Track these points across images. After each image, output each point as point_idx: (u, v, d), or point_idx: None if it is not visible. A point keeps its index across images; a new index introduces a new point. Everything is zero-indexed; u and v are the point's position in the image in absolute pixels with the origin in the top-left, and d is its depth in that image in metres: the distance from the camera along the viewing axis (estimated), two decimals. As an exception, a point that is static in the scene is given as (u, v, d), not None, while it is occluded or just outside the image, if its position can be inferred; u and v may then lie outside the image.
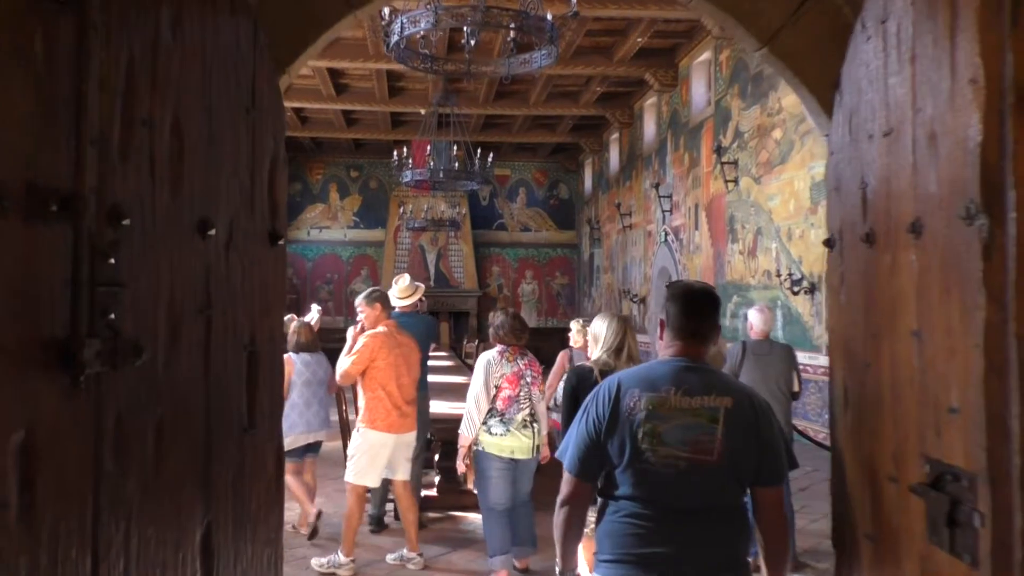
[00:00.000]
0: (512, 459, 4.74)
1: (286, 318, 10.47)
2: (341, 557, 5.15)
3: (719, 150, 12.27)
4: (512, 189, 23.21)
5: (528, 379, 4.85)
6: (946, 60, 1.46)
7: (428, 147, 12.28)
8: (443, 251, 21.98)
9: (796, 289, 9.75)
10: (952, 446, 1.47)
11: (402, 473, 5.31)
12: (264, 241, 1.85)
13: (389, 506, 6.30)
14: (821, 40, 2.33)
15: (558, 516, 2.30)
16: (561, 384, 6.09)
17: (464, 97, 16.50)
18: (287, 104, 16.92)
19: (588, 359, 4.15)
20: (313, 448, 6.12)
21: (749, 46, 2.66)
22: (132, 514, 1.48)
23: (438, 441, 6.87)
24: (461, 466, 4.85)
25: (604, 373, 3.79)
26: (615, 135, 18.96)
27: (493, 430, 4.70)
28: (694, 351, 2.26)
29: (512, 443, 4.70)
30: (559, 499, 2.30)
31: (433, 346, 6.30)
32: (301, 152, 22.10)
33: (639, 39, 13.24)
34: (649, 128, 16.56)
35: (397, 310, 6.15)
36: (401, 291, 6.25)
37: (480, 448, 4.78)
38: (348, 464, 5.23)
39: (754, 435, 2.16)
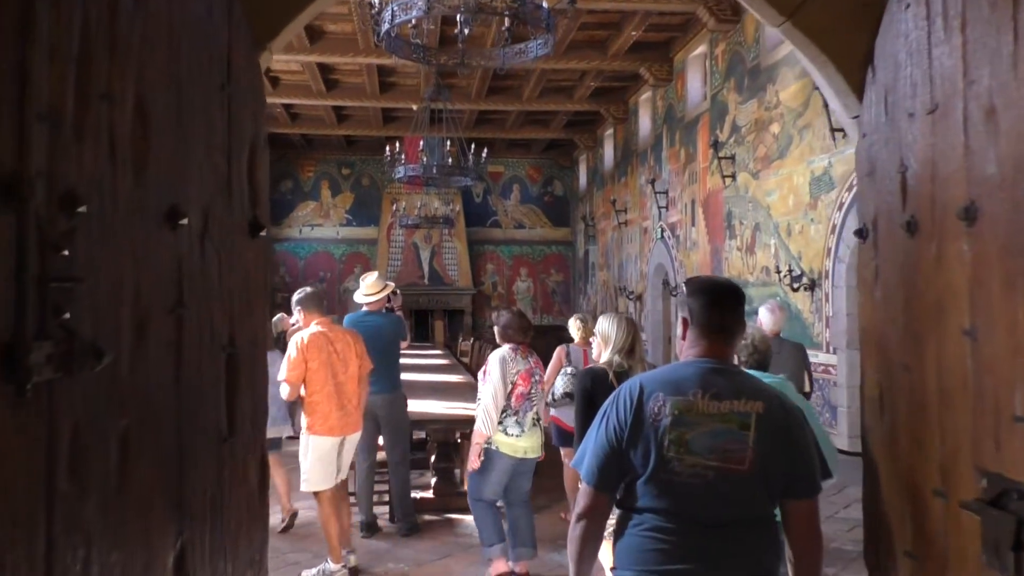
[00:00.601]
0: (523, 459, 4.75)
1: (276, 317, 10.31)
2: (331, 565, 5.08)
3: (716, 145, 12.12)
4: (506, 186, 23.03)
5: (536, 377, 4.85)
6: (1007, 23, 1.29)
7: (420, 143, 12.09)
8: (437, 249, 21.78)
9: (796, 286, 9.60)
10: (1017, 459, 1.31)
11: (343, 473, 5.25)
12: (243, 232, 1.67)
13: (381, 509, 6.13)
14: (850, 11, 2.16)
15: (574, 531, 2.15)
16: (559, 380, 5.95)
17: (457, 92, 16.31)
18: (276, 100, 16.84)
19: (595, 360, 3.99)
20: (272, 444, 5.91)
21: (769, 19, 2.49)
22: (92, 539, 1.31)
23: (433, 442, 6.70)
24: (476, 462, 4.70)
25: (619, 375, 3.64)
26: (610, 131, 18.79)
27: (509, 431, 4.65)
28: (720, 351, 2.13)
29: (526, 444, 4.71)
30: (575, 512, 2.16)
31: (404, 345, 6.10)
32: (292, 149, 21.87)
33: (633, 32, 13.07)
34: (644, 123, 16.39)
35: (364, 308, 6.00)
36: (368, 288, 6.06)
37: (493, 447, 4.70)
38: (302, 474, 5.07)
39: (787, 443, 2.02)
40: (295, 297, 5.35)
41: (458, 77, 15.91)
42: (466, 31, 5.15)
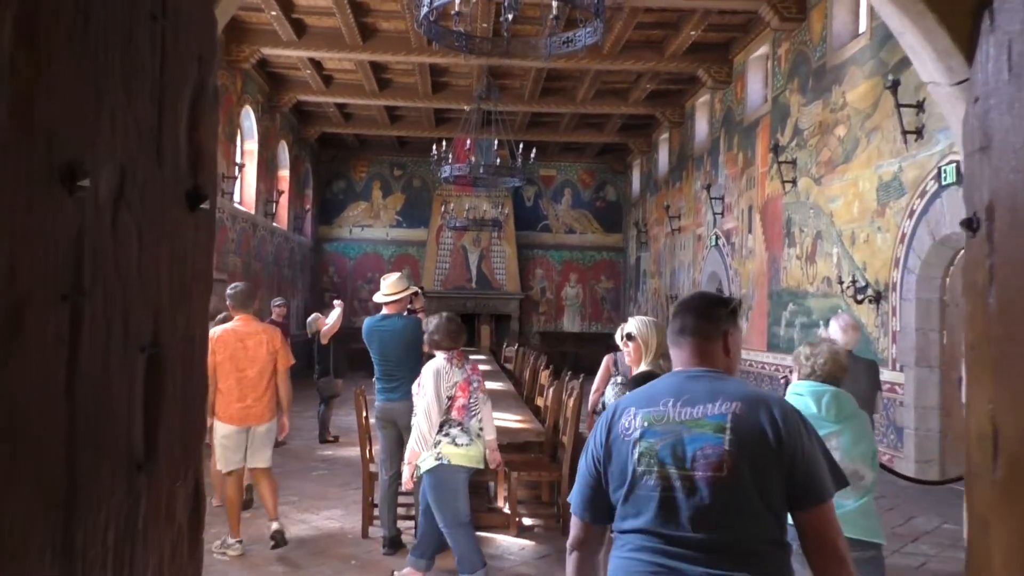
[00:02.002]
0: (476, 468, 4.55)
1: (311, 317, 10.12)
2: (230, 539, 5.38)
3: (776, 149, 11.56)
4: (557, 190, 22.65)
5: (475, 384, 4.62)
6: None
7: (468, 142, 11.81)
8: (485, 252, 21.51)
9: (860, 298, 9.02)
10: None
11: (259, 461, 5.45)
12: (179, 202, 1.33)
13: (407, 524, 5.79)
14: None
15: (568, 563, 2.06)
16: (609, 390, 5.60)
17: (509, 94, 16.03)
18: (329, 99, 16.77)
19: (629, 366, 3.62)
20: None
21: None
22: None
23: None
24: (409, 482, 4.55)
25: None
26: (665, 135, 18.28)
27: (459, 440, 4.41)
28: (693, 357, 2.00)
29: (476, 452, 4.50)
30: (568, 544, 2.07)
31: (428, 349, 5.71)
32: (344, 149, 21.88)
33: (692, 32, 12.60)
34: (701, 127, 15.86)
35: (384, 310, 5.66)
36: (387, 288, 5.70)
37: (445, 461, 4.43)
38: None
39: (775, 445, 1.81)
40: (227, 291, 5.69)
41: (511, 78, 15.64)
42: (510, 16, 4.81)
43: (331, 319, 9.74)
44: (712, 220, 14.51)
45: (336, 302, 10.04)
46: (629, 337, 3.52)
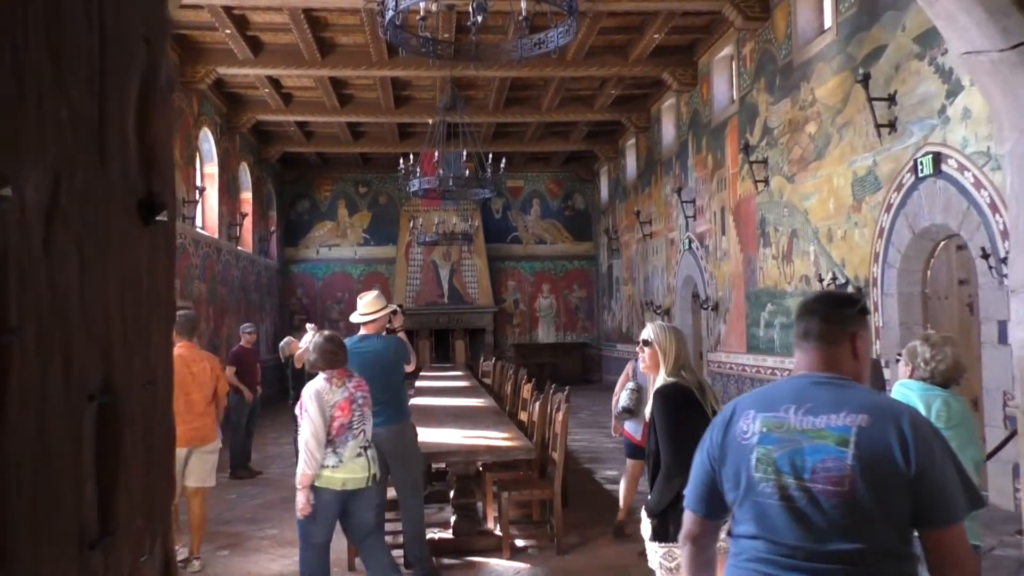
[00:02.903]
0: (343, 491, 4.39)
1: (284, 341, 9.81)
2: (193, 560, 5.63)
3: (746, 149, 11.49)
4: (526, 200, 22.49)
5: (360, 402, 4.53)
6: None
7: (436, 155, 11.59)
8: (456, 266, 21.25)
9: (840, 294, 8.93)
10: None
11: (195, 480, 5.60)
12: (129, 213, 1.09)
13: (396, 553, 5.51)
14: None
15: (682, 553, 2.07)
16: (623, 395, 5.87)
17: (473, 105, 15.84)
18: (290, 118, 16.45)
19: (643, 373, 3.43)
20: None
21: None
22: None
23: (453, 476, 6.08)
24: (306, 507, 4.36)
25: (701, 389, 3.17)
26: (631, 140, 18.21)
27: (326, 462, 4.33)
28: (818, 361, 1.90)
29: (344, 475, 4.37)
30: (680, 536, 2.08)
31: (409, 368, 5.44)
32: (308, 168, 21.52)
33: (656, 36, 12.53)
34: (668, 131, 15.80)
35: (361, 331, 5.38)
36: (364, 308, 5.38)
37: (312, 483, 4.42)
38: None
39: (902, 462, 1.72)
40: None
41: (474, 89, 15.46)
42: (479, 19, 4.60)
43: (304, 342, 9.43)
44: (684, 224, 14.42)
45: (309, 325, 9.75)
46: (646, 343, 3.31)
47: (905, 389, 3.23)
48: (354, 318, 5.41)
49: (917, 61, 7.69)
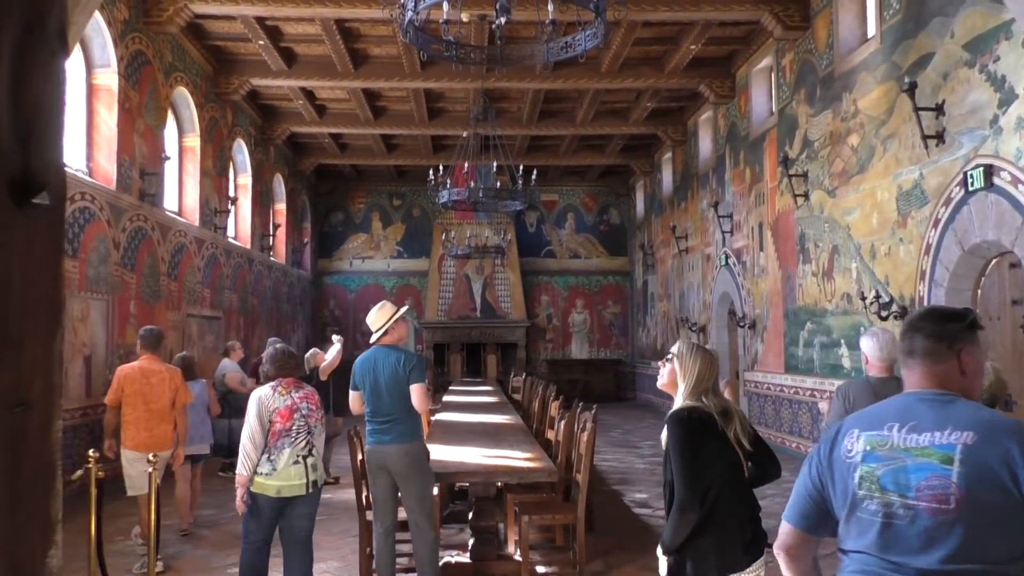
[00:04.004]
0: (279, 497, 4.52)
1: (309, 353, 9.65)
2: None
3: (785, 162, 11.14)
4: (560, 215, 22.26)
5: (304, 412, 4.61)
6: None
7: (466, 165, 11.42)
8: (489, 280, 21.07)
9: (884, 314, 8.53)
10: None
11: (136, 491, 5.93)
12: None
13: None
14: None
15: (780, 561, 2.05)
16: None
17: (506, 117, 15.70)
18: (324, 130, 16.45)
19: (663, 387, 3.12)
20: (195, 460, 7.10)
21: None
22: None
23: (472, 497, 5.83)
24: (241, 505, 4.56)
25: (725, 415, 2.87)
26: (668, 154, 17.91)
27: (260, 469, 4.50)
28: (926, 378, 1.89)
29: (278, 482, 4.50)
30: (774, 545, 2.06)
31: (418, 389, 4.93)
32: (342, 181, 21.55)
33: (692, 47, 12.25)
34: (705, 144, 15.48)
35: (372, 343, 5.16)
36: (372, 327, 5.15)
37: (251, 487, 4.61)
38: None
39: (1010, 481, 1.70)
40: (140, 332, 6.46)
41: (507, 101, 15.31)
42: (502, 20, 4.40)
43: (330, 355, 9.26)
44: (721, 239, 14.07)
45: (336, 337, 9.58)
46: (668, 359, 3.04)
47: None
48: (372, 340, 5.19)
49: (967, 69, 7.32)
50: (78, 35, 2.70)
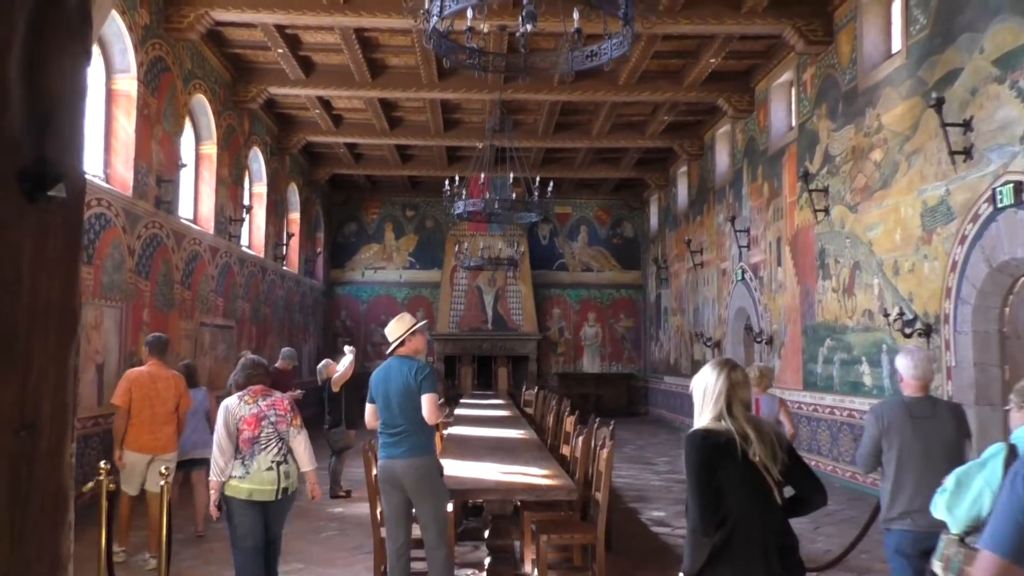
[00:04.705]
0: (251, 501, 4.64)
1: (321, 364, 9.55)
2: (146, 554, 6.27)
3: (805, 177, 11.00)
4: (573, 227, 22.15)
5: (272, 419, 4.75)
6: None
7: (482, 176, 11.34)
8: (501, 292, 20.96)
9: (908, 331, 8.36)
10: None
11: (154, 485, 6.05)
12: (6, 185, 0.76)
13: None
14: None
15: None
16: None
17: (522, 129, 15.63)
18: (340, 139, 16.43)
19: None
20: (196, 464, 7.09)
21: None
22: None
23: (488, 515, 5.70)
24: (214, 510, 4.72)
25: (748, 437, 2.68)
26: (683, 168, 17.79)
27: (234, 473, 4.66)
28: None
29: (250, 486, 4.63)
30: None
31: (429, 400, 4.78)
32: (356, 191, 21.53)
33: (712, 60, 12.15)
34: (722, 159, 15.36)
35: (388, 354, 5.13)
36: (390, 337, 5.11)
37: (223, 491, 4.73)
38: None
39: None
40: (147, 339, 6.67)
41: (524, 113, 15.25)
42: (528, 27, 4.31)
43: (343, 365, 9.18)
44: (737, 254, 13.92)
45: (348, 348, 9.49)
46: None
47: None
48: (389, 350, 5.11)
49: (996, 85, 7.18)
50: (95, 34, 2.63)
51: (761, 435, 2.73)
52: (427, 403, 4.84)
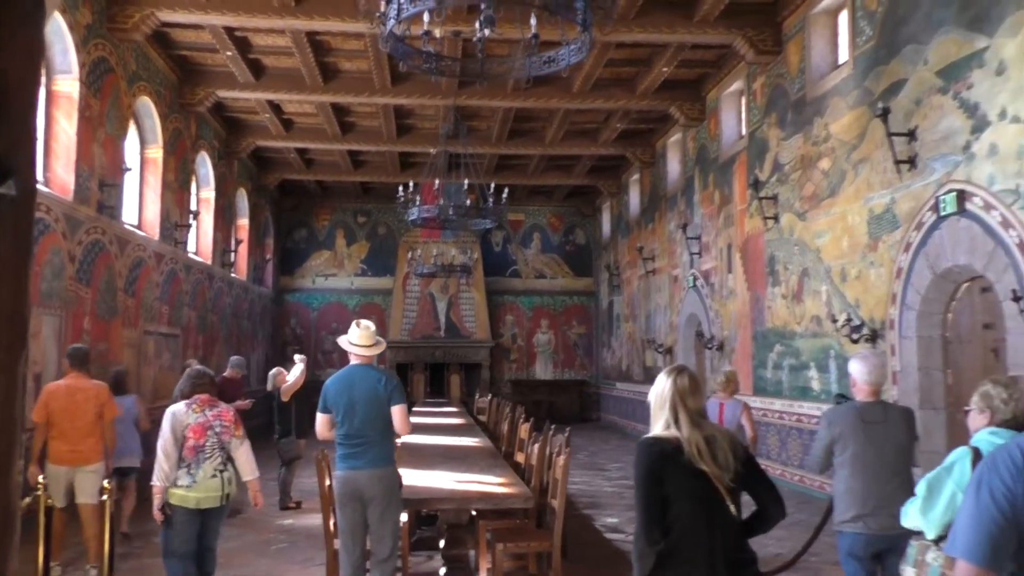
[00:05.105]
0: (198, 509, 4.73)
1: (272, 371, 9.36)
2: (88, 567, 6.11)
3: (755, 185, 11.18)
4: (526, 234, 22.18)
5: (217, 429, 4.84)
6: None
7: (436, 182, 11.26)
8: (454, 299, 20.86)
9: (855, 337, 8.53)
10: None
11: (86, 497, 5.99)
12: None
13: None
14: None
15: None
16: None
17: (476, 135, 15.61)
18: (291, 144, 16.18)
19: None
20: (125, 473, 7.15)
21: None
22: None
23: (443, 524, 5.62)
24: (158, 515, 4.73)
25: (699, 447, 2.62)
26: (635, 176, 17.95)
27: (179, 482, 4.70)
28: None
29: (198, 495, 4.72)
30: None
31: (399, 411, 4.80)
32: (307, 197, 21.24)
33: (664, 68, 12.29)
34: (673, 166, 15.53)
35: (353, 360, 4.92)
36: (358, 340, 4.95)
37: (166, 498, 4.76)
38: None
39: None
40: (68, 350, 6.57)
41: (478, 119, 15.22)
42: (486, 32, 4.27)
43: (293, 375, 9.00)
44: (689, 260, 14.07)
45: (298, 356, 9.31)
46: None
47: (997, 439, 2.82)
48: (346, 345, 4.94)
49: (940, 95, 7.38)
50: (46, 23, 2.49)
51: (711, 443, 2.65)
52: (400, 414, 4.79)
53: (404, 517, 5.78)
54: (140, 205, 11.95)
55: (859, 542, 3.90)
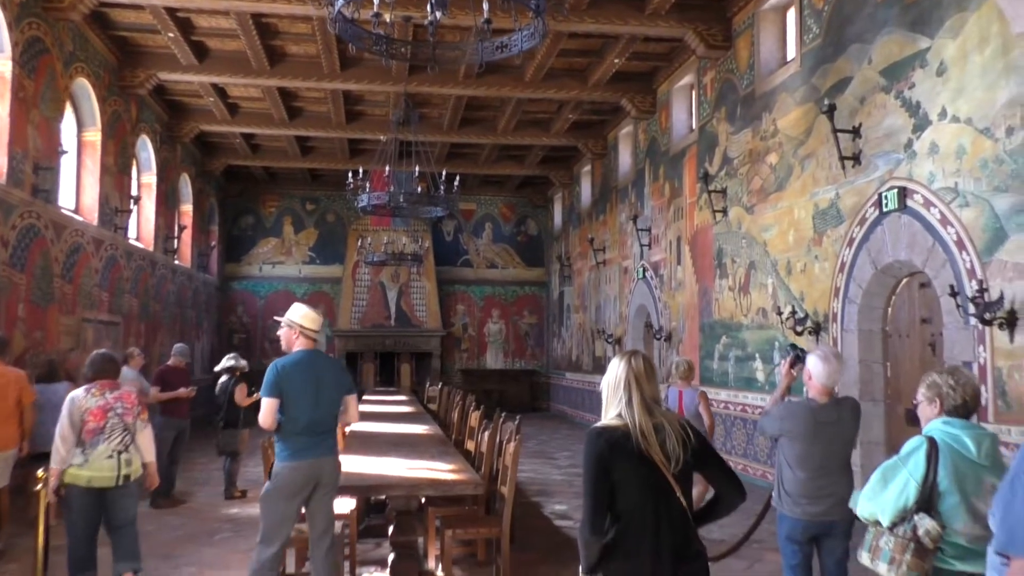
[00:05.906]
0: (91, 488, 4.89)
1: (232, 363, 9.34)
2: None
3: (705, 178, 11.32)
4: (478, 224, 22.13)
5: (119, 411, 5.01)
6: None
7: (387, 169, 11.14)
8: (404, 289, 20.72)
9: (799, 329, 8.71)
10: None
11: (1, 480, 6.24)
12: None
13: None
14: None
15: None
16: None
17: (427, 123, 15.49)
18: (235, 129, 15.83)
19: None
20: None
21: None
22: None
23: (391, 511, 5.58)
24: (52, 496, 4.94)
25: (647, 434, 2.60)
26: (587, 167, 18.03)
27: (74, 461, 4.88)
28: None
29: (90, 473, 4.88)
30: None
31: (351, 401, 4.77)
32: (253, 183, 20.84)
33: (616, 60, 12.34)
34: (624, 158, 15.63)
35: (299, 344, 4.66)
36: (307, 323, 4.71)
37: (63, 480, 4.94)
38: None
39: None
40: None
41: (429, 107, 15.09)
42: (438, 15, 4.21)
43: (221, 366, 9.33)
44: (639, 252, 14.20)
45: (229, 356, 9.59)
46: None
47: (951, 428, 2.89)
48: (295, 316, 4.68)
49: (883, 94, 7.56)
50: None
51: (660, 430, 2.62)
52: (354, 404, 4.84)
53: (353, 503, 5.74)
54: (78, 189, 11.57)
55: (798, 527, 3.99)
